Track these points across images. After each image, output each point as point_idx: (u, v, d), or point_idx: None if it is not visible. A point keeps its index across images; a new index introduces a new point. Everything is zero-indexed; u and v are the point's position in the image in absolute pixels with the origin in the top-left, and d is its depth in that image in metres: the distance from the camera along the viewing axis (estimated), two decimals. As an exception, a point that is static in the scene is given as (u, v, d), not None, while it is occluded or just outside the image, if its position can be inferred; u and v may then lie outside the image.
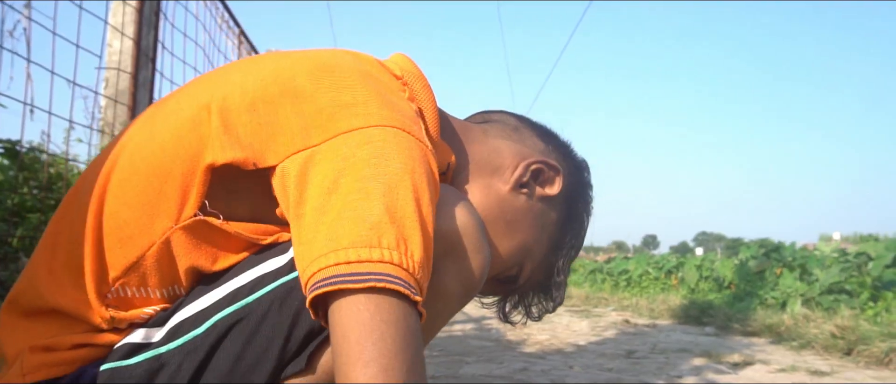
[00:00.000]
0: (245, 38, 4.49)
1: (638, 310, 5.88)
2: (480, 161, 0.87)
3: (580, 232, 0.93)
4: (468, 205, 0.73)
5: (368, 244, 0.57)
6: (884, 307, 4.14)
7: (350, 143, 0.63)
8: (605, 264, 11.31)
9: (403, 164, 0.63)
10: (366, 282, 0.56)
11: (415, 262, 0.59)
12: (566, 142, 0.96)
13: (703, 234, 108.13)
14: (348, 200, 0.60)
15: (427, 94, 0.79)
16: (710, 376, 2.55)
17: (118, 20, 2.54)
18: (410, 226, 0.60)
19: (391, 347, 0.56)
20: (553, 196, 0.89)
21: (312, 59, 0.73)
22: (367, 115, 0.66)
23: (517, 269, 0.90)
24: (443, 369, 2.54)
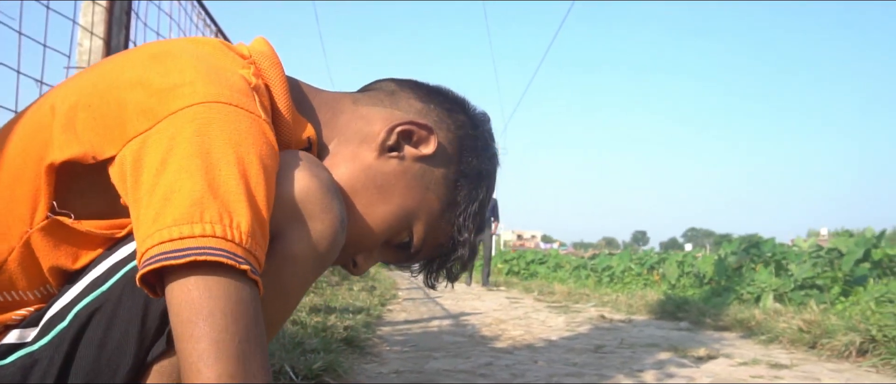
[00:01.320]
0: (222, 35, 4.50)
1: (616, 306, 5.93)
2: (348, 131, 0.88)
3: (478, 185, 0.93)
4: (315, 169, 0.75)
5: (190, 220, 0.60)
6: (853, 301, 4.21)
7: (176, 122, 0.65)
8: (589, 260, 11.39)
9: (227, 138, 0.65)
10: (187, 256, 0.58)
11: (241, 232, 0.61)
12: (457, 98, 0.97)
13: (692, 230, 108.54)
14: (173, 180, 0.62)
15: (276, 70, 0.81)
16: (672, 369, 2.60)
17: (87, 20, 2.55)
18: (235, 199, 0.62)
19: (221, 321, 0.58)
20: (430, 155, 0.88)
21: (148, 50, 0.76)
22: (194, 93, 0.67)
23: (408, 233, 0.90)
24: (409, 364, 2.58)
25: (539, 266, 14.44)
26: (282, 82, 0.81)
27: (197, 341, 0.58)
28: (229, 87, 0.70)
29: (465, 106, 0.97)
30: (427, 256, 0.95)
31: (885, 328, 2.88)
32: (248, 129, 0.67)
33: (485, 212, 0.96)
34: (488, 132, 0.97)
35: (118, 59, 0.77)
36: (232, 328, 0.59)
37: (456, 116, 0.94)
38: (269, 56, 0.83)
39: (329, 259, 0.77)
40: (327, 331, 2.89)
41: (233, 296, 0.60)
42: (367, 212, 0.86)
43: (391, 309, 5.50)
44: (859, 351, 2.95)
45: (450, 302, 6.74)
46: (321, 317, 3.51)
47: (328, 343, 2.46)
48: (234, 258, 0.60)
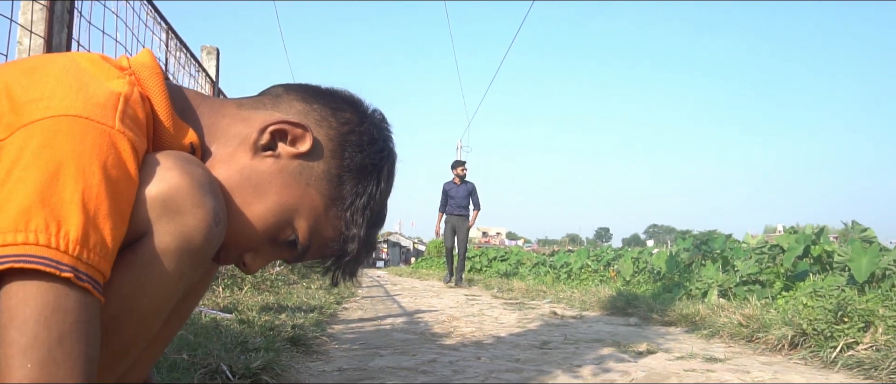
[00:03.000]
0: (174, 34, 4.46)
1: (571, 302, 6.03)
2: (228, 134, 0.91)
3: (363, 180, 0.95)
4: (187, 167, 0.78)
5: (14, 229, 0.63)
6: (792, 296, 4.36)
7: (24, 134, 0.69)
8: (548, 257, 11.53)
9: (71, 149, 0.68)
10: (5, 263, 0.62)
11: (69, 240, 0.64)
12: (348, 97, 0.99)
13: (654, 227, 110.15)
14: (10, 189, 0.65)
15: (155, 80, 0.84)
16: (610, 364, 2.68)
17: (27, 18, 2.53)
18: (66, 209, 0.65)
19: (31, 328, 0.61)
20: (307, 151, 0.91)
21: (25, 63, 0.79)
22: (47, 107, 0.71)
23: (292, 231, 0.93)
24: (354, 362, 2.62)
25: (501, 263, 14.56)
26: (161, 91, 0.85)
27: (8, 346, 0.61)
28: (85, 101, 0.73)
29: (355, 103, 1.00)
30: (318, 253, 0.97)
31: (814, 322, 3.00)
32: (95, 141, 0.70)
33: (378, 207, 0.98)
34: (377, 128, 0.99)
35: (1, 69, 0.79)
36: (43, 335, 0.62)
37: (341, 114, 0.97)
38: (150, 66, 0.86)
39: (206, 251, 0.80)
40: (274, 329, 2.90)
41: (50, 304, 0.63)
42: (245, 211, 0.89)
43: (347, 307, 5.52)
44: (791, 344, 3.07)
45: (407, 299, 6.77)
46: (271, 315, 3.52)
47: (272, 341, 2.47)
48: (56, 266, 0.63)
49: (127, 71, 0.83)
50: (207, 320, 2.93)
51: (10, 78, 0.75)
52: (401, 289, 8.96)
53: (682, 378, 2.41)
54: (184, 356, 1.94)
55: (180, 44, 4.64)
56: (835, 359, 2.69)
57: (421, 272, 17.87)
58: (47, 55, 0.84)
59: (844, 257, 4.21)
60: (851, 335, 2.80)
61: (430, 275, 15.37)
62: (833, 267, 4.66)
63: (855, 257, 4.06)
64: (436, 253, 27.00)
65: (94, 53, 0.84)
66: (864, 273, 3.95)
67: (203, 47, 5.62)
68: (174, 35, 4.49)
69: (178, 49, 4.65)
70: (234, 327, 2.81)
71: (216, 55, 5.66)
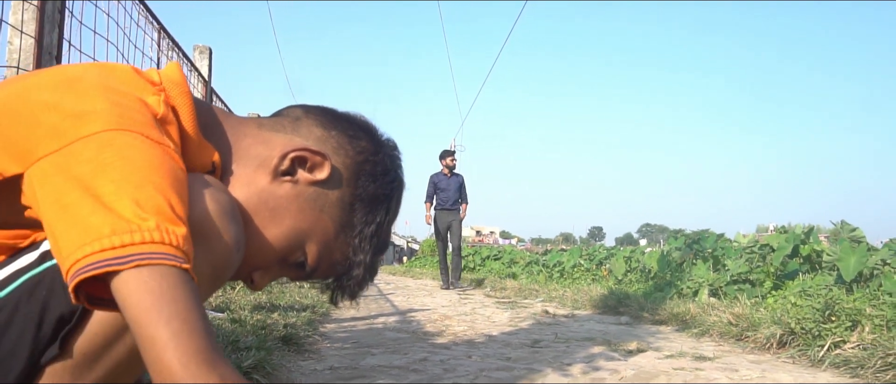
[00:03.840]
0: (166, 33, 4.46)
1: (563, 301, 6.06)
2: (248, 155, 0.93)
3: (374, 209, 0.98)
4: (215, 193, 0.80)
5: (129, 230, 0.65)
6: (781, 295, 4.39)
7: (90, 146, 0.70)
8: (541, 256, 11.55)
9: (145, 161, 0.71)
10: (132, 260, 0.64)
11: (178, 237, 0.68)
12: (364, 125, 1.02)
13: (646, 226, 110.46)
14: (101, 197, 0.67)
15: (184, 98, 0.86)
16: (600, 363, 2.70)
17: (17, 18, 2.53)
18: (164, 212, 0.68)
19: (184, 305, 0.65)
20: (324, 180, 0.94)
21: (59, 74, 0.80)
22: (106, 121, 0.72)
23: (302, 253, 0.95)
24: (346, 361, 2.63)
25: (494, 262, 14.57)
26: (190, 108, 0.86)
27: (167, 322, 0.63)
28: (136, 117, 0.75)
29: (371, 132, 1.02)
30: (324, 275, 1.00)
31: (802, 321, 3.03)
32: (160, 155, 0.73)
33: (384, 236, 1.01)
34: (390, 158, 1.02)
35: (31, 79, 0.80)
36: (194, 311, 0.66)
37: (357, 142, 0.99)
38: (179, 83, 0.87)
39: (224, 277, 0.83)
40: (266, 328, 2.91)
41: (187, 286, 0.66)
42: (260, 233, 0.91)
43: (340, 306, 5.52)
44: (779, 343, 3.10)
45: (400, 298, 6.79)
46: (263, 314, 3.52)
47: (263, 340, 2.48)
48: (177, 259, 0.67)
49: (159, 86, 0.84)
50: (199, 319, 2.93)
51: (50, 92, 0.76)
52: (394, 288, 8.97)
53: (671, 376, 2.43)
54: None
55: (172, 43, 4.64)
56: (822, 358, 2.72)
57: (414, 271, 17.87)
58: (80, 66, 0.84)
59: (833, 257, 4.24)
60: (839, 334, 2.83)
61: (424, 273, 15.38)
62: (822, 266, 4.70)
63: (843, 257, 4.09)
64: (429, 252, 27.00)
65: (123, 66, 0.86)
66: (852, 272, 3.98)
67: (195, 47, 5.61)
68: (166, 34, 4.49)
69: (171, 48, 4.64)
70: (225, 326, 2.81)
71: (209, 55, 5.66)
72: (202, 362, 0.63)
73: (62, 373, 0.78)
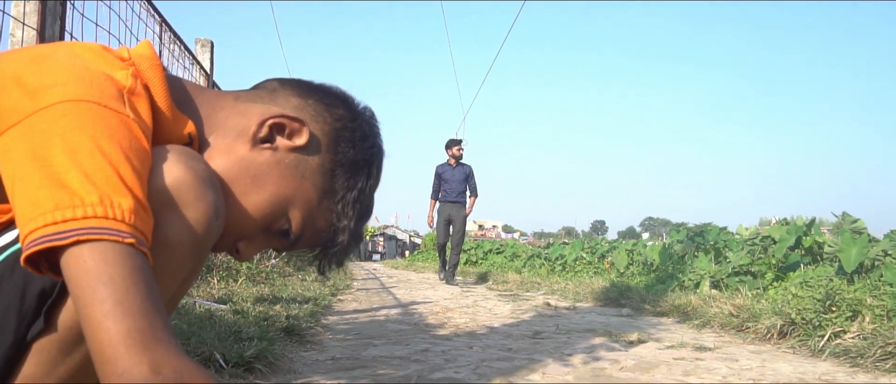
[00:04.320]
0: (168, 27, 4.47)
1: (564, 294, 6.07)
2: (226, 126, 0.94)
3: (355, 174, 0.99)
4: (189, 161, 0.81)
5: (71, 205, 0.66)
6: (783, 287, 4.40)
7: (47, 117, 0.71)
8: (543, 249, 11.56)
9: (98, 133, 0.71)
10: (71, 236, 0.65)
11: (123, 211, 0.68)
12: (340, 94, 1.03)
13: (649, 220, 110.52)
14: (48, 169, 0.68)
15: (155, 71, 0.87)
16: (601, 353, 2.71)
17: (19, 10, 2.54)
18: (111, 184, 0.68)
19: (120, 284, 0.64)
20: (303, 145, 0.95)
21: (30, 52, 0.81)
22: (64, 92, 0.73)
23: (286, 220, 0.96)
24: (348, 351, 2.64)
25: (496, 255, 14.59)
26: (161, 82, 0.87)
27: (101, 303, 0.63)
28: (98, 88, 0.75)
29: (347, 100, 1.03)
30: (309, 243, 1.01)
31: (803, 311, 3.04)
32: (116, 125, 0.73)
33: (366, 201, 1.02)
34: (368, 124, 1.02)
35: (3, 57, 0.81)
36: (133, 289, 0.65)
37: (334, 110, 1.00)
38: (149, 58, 0.88)
39: (206, 243, 0.83)
40: (268, 320, 2.92)
41: (127, 263, 0.66)
42: (243, 201, 0.92)
43: (342, 299, 5.55)
44: (780, 333, 3.11)
45: (403, 291, 6.80)
46: (265, 306, 3.54)
47: (266, 331, 2.50)
48: (119, 234, 0.66)
49: (128, 62, 0.85)
50: (202, 310, 2.95)
51: (18, 67, 0.77)
52: (396, 282, 8.99)
53: (671, 366, 2.44)
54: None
55: (174, 36, 4.65)
56: (822, 348, 2.73)
57: (417, 265, 17.91)
58: (50, 44, 0.85)
59: (834, 248, 4.24)
60: (839, 324, 2.83)
61: (426, 267, 15.41)
62: (824, 258, 4.70)
63: (844, 248, 4.09)
64: (432, 246, 27.04)
65: (94, 43, 0.86)
66: (853, 263, 3.98)
67: (197, 40, 5.62)
68: (168, 28, 4.49)
69: (173, 42, 4.65)
70: (228, 317, 2.83)
71: (210, 48, 5.66)
72: (132, 344, 0.62)
73: (49, 347, 0.78)
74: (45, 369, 0.79)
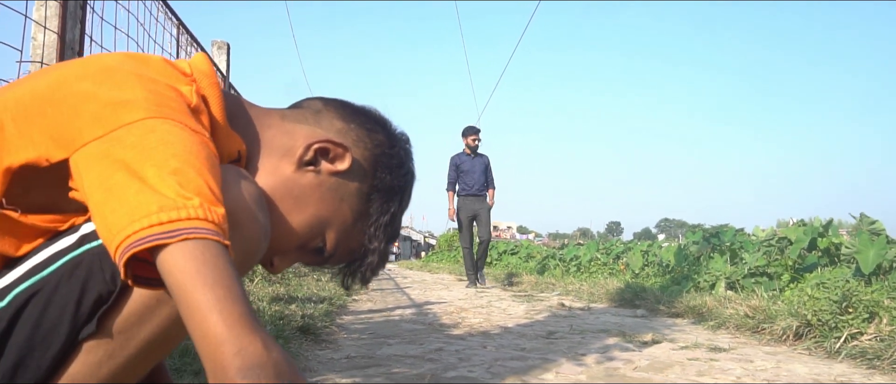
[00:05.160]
0: (185, 29, 4.52)
1: (579, 295, 6.06)
2: (273, 145, 0.98)
3: (390, 199, 1.04)
4: (244, 183, 0.84)
5: (176, 207, 0.69)
6: (800, 288, 4.37)
7: (134, 132, 0.74)
8: (558, 250, 11.54)
9: (185, 147, 0.74)
10: (180, 234, 0.68)
11: (219, 216, 0.71)
12: (380, 119, 1.07)
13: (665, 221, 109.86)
14: (146, 180, 0.70)
15: (214, 89, 0.90)
16: (615, 353, 2.71)
17: (41, 14, 2.58)
18: (205, 194, 0.72)
19: (227, 276, 0.68)
20: (345, 170, 0.99)
21: (96, 63, 0.83)
22: (146, 109, 0.76)
23: (321, 240, 1.00)
24: (363, 350, 2.66)
25: (511, 256, 14.59)
26: (218, 98, 0.91)
27: (213, 288, 0.66)
28: (174, 105, 0.79)
29: (386, 126, 1.07)
30: (340, 261, 1.05)
31: (819, 313, 3.02)
32: (198, 143, 0.77)
33: (397, 225, 1.06)
34: (404, 151, 1.07)
35: (67, 68, 0.84)
36: (236, 281, 0.69)
37: (375, 136, 1.04)
38: (209, 74, 0.91)
39: (252, 263, 0.87)
40: (284, 319, 2.95)
41: (228, 259, 0.70)
42: (284, 219, 0.96)
43: (357, 299, 5.57)
44: (796, 335, 3.09)
45: (417, 292, 6.83)
46: (281, 306, 3.57)
47: (281, 330, 2.52)
48: (219, 235, 0.70)
49: (190, 77, 0.88)
50: (219, 310, 2.98)
51: (89, 82, 0.79)
52: (411, 282, 9.02)
53: (685, 366, 2.44)
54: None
55: (191, 39, 4.69)
56: (839, 350, 2.71)
57: (431, 265, 17.94)
58: (114, 56, 0.87)
59: (851, 249, 4.21)
60: (856, 325, 2.82)
61: (441, 268, 15.43)
62: (841, 259, 4.66)
63: (862, 249, 4.06)
64: (446, 246, 27.02)
65: (156, 56, 0.89)
66: (871, 264, 3.95)
67: (214, 42, 5.67)
68: (185, 30, 4.54)
69: (190, 44, 4.70)
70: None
71: (227, 50, 5.71)
72: (246, 326, 0.66)
73: (97, 349, 0.82)
74: (90, 369, 0.82)
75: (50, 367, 0.80)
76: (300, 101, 1.08)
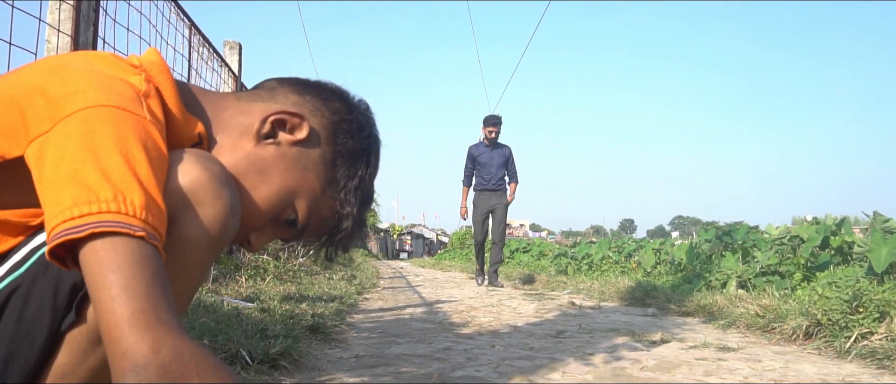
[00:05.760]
0: (197, 30, 4.56)
1: (590, 293, 6.06)
2: (230, 125, 1.00)
3: (355, 163, 1.05)
4: (205, 162, 0.86)
5: (87, 201, 0.71)
6: (811, 288, 4.34)
7: (70, 123, 0.76)
8: (569, 248, 11.52)
9: (116, 134, 0.76)
10: (87, 229, 0.69)
11: (135, 206, 0.72)
12: (336, 89, 1.08)
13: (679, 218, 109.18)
14: (70, 170, 0.73)
15: (165, 77, 0.93)
16: (623, 353, 2.72)
17: (55, 17, 2.62)
18: (126, 182, 0.73)
19: (127, 271, 0.69)
20: (304, 139, 1.00)
21: (48, 63, 0.86)
22: (85, 99, 0.78)
23: (292, 210, 1.02)
24: (372, 350, 2.68)
25: (523, 254, 14.57)
26: (170, 86, 0.93)
27: (109, 288, 0.68)
28: (117, 94, 0.81)
29: (343, 95, 1.09)
30: (315, 231, 1.07)
31: (829, 312, 3.00)
32: (133, 127, 0.78)
33: (367, 188, 1.07)
34: (364, 116, 1.08)
35: (21, 70, 0.87)
36: (138, 275, 0.69)
37: (331, 104, 1.06)
38: (159, 64, 0.94)
39: (223, 240, 0.88)
40: (294, 318, 2.98)
41: (136, 253, 0.71)
42: (252, 195, 0.98)
43: (368, 297, 5.60)
44: (806, 334, 3.08)
45: (428, 290, 6.84)
46: (291, 305, 3.60)
47: (291, 329, 2.55)
48: (130, 227, 0.71)
49: (139, 68, 0.91)
50: (229, 308, 3.02)
51: (39, 78, 0.82)
52: (422, 280, 9.04)
53: (693, 366, 2.44)
54: (205, 342, 2.02)
55: (203, 39, 4.73)
56: (849, 349, 2.70)
57: (443, 263, 17.95)
58: (66, 55, 0.91)
59: (864, 248, 4.17)
60: (866, 325, 2.80)
61: (453, 266, 15.45)
62: (853, 258, 4.63)
63: (874, 248, 4.02)
64: (458, 244, 27.03)
65: (106, 52, 0.92)
66: (884, 263, 3.91)
67: (226, 42, 5.71)
68: (197, 31, 4.58)
69: (202, 44, 4.74)
70: (255, 315, 2.89)
71: (238, 50, 5.76)
72: (135, 324, 0.67)
73: (80, 339, 0.84)
74: (76, 358, 0.84)
75: (38, 361, 0.83)
76: (257, 83, 1.10)
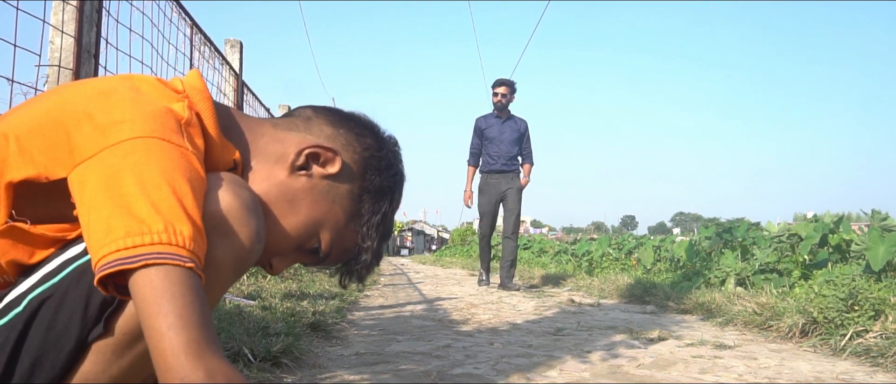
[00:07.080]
0: (198, 29, 4.58)
1: (590, 290, 6.08)
2: (266, 153, 1.04)
3: (380, 200, 1.09)
4: (237, 189, 0.90)
5: (140, 232, 0.75)
6: (809, 286, 4.37)
7: (117, 152, 0.80)
8: (570, 245, 11.54)
9: (162, 168, 0.80)
10: (140, 260, 0.74)
11: (185, 237, 0.77)
12: (368, 123, 1.13)
13: (680, 215, 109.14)
14: (121, 200, 0.77)
15: (206, 103, 0.96)
16: (620, 350, 2.75)
17: (58, 18, 2.65)
18: (174, 213, 0.77)
19: (181, 301, 0.73)
20: (335, 173, 1.05)
21: (95, 87, 0.90)
22: (132, 129, 0.82)
23: (317, 240, 1.06)
24: (372, 347, 2.72)
25: (523, 251, 14.59)
26: (211, 113, 0.97)
27: (165, 316, 0.73)
28: (162, 124, 0.85)
29: (374, 130, 1.13)
30: (335, 260, 1.11)
31: (825, 310, 3.03)
32: (179, 159, 0.83)
33: (388, 224, 1.12)
34: (393, 153, 1.13)
35: (68, 90, 0.91)
36: (191, 306, 0.74)
37: (363, 140, 1.10)
38: (201, 90, 0.98)
39: (247, 264, 0.93)
40: (295, 315, 3.01)
41: (187, 283, 0.75)
42: (280, 222, 1.02)
43: (369, 294, 5.63)
44: (802, 332, 3.11)
45: (429, 287, 6.87)
46: (293, 302, 3.64)
47: (293, 327, 2.58)
48: (180, 258, 0.76)
49: (182, 94, 0.95)
50: (231, 307, 3.05)
51: (86, 102, 0.86)
52: (423, 277, 9.07)
53: (689, 363, 2.47)
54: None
55: (205, 38, 4.76)
56: (844, 347, 2.73)
57: (444, 260, 17.98)
58: (110, 78, 0.95)
59: (862, 246, 4.20)
60: (861, 323, 2.83)
61: (453, 262, 15.47)
62: (851, 255, 4.65)
63: (872, 246, 4.05)
64: (459, 240, 27.03)
65: (150, 77, 0.96)
66: (881, 261, 3.94)
67: (227, 41, 5.74)
68: (198, 30, 4.61)
69: (203, 43, 4.77)
70: (256, 313, 2.92)
71: (240, 49, 5.78)
72: (191, 353, 0.71)
73: (106, 349, 0.88)
74: (100, 368, 0.88)
75: (64, 367, 0.87)
76: (292, 110, 1.14)
